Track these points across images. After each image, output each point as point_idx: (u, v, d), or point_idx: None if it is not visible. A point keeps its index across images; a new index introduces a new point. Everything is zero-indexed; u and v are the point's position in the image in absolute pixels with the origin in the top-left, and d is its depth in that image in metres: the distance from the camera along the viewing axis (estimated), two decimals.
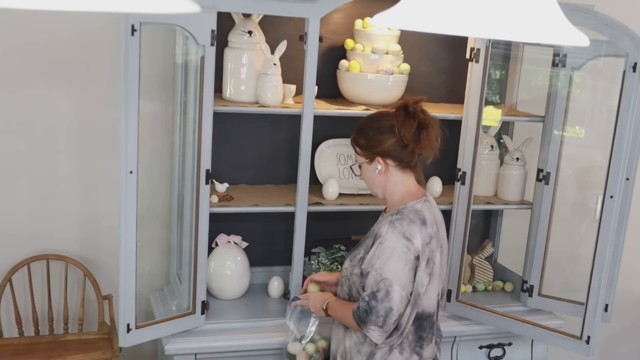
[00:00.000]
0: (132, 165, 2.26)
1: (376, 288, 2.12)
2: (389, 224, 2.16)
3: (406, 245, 2.12)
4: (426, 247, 2.15)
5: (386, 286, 2.10)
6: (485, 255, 3.21)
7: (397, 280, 2.10)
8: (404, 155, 2.22)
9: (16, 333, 2.96)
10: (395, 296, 2.10)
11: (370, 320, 2.12)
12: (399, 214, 2.18)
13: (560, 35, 0.93)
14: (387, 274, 2.11)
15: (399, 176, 2.25)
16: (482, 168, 3.04)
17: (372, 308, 2.11)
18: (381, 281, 2.11)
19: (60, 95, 2.92)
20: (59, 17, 2.80)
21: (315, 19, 2.49)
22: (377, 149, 2.23)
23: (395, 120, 2.21)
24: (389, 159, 2.23)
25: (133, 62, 2.17)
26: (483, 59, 2.70)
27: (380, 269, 2.12)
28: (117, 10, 0.69)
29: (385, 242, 2.14)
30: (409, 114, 2.20)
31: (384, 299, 2.10)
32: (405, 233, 2.13)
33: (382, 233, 2.16)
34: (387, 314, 2.11)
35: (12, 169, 2.94)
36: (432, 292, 2.23)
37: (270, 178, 3.04)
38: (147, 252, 3.02)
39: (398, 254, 2.11)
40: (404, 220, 2.15)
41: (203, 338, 2.61)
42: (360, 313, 2.14)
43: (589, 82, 2.96)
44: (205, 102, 2.43)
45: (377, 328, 2.13)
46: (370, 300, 2.12)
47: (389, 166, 2.24)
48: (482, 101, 2.75)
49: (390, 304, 2.10)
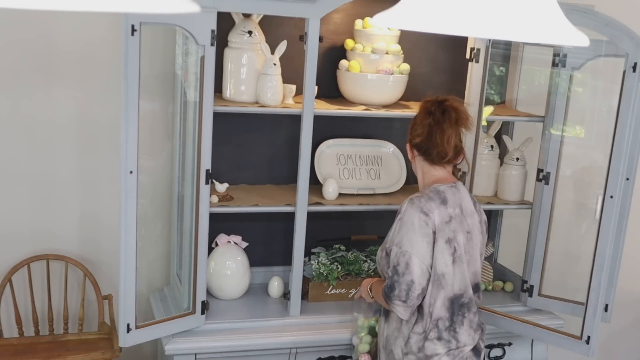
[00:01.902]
0: (132, 165, 2.26)
1: (396, 262, 2.19)
2: (409, 201, 2.26)
3: (424, 220, 2.19)
4: (445, 225, 2.21)
5: (405, 259, 2.17)
6: (485, 255, 3.21)
7: (415, 252, 2.17)
8: (424, 147, 2.32)
9: (16, 333, 2.96)
10: (415, 268, 2.16)
11: (394, 295, 2.19)
12: (420, 193, 2.30)
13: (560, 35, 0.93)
14: (405, 247, 2.18)
15: (426, 167, 2.35)
16: (482, 168, 3.04)
17: (395, 282, 2.18)
18: (400, 254, 2.18)
19: (60, 95, 2.92)
20: (59, 17, 2.80)
21: (315, 19, 2.49)
22: (409, 138, 2.38)
23: (419, 113, 2.35)
24: (414, 148, 2.36)
25: (133, 62, 2.17)
26: (483, 59, 2.70)
27: (399, 242, 2.20)
28: (117, 10, 0.69)
29: (404, 217, 2.22)
30: (428, 111, 2.31)
31: (405, 272, 2.17)
32: (423, 208, 2.21)
33: (402, 210, 2.26)
34: (410, 287, 2.17)
35: (12, 168, 2.94)
36: (461, 276, 2.26)
37: (270, 178, 3.04)
38: (147, 252, 3.02)
39: (415, 227, 2.19)
40: (423, 197, 2.24)
41: (203, 338, 2.61)
42: (386, 289, 2.21)
43: (589, 82, 2.96)
44: (205, 102, 2.43)
45: (401, 303, 2.19)
46: (393, 275, 2.19)
47: (415, 155, 2.37)
48: (482, 101, 2.75)
49: (411, 277, 2.16)
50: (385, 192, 3.02)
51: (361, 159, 3.05)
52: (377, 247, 3.09)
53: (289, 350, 2.71)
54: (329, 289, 2.92)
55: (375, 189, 3.01)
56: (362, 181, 3.02)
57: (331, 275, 2.89)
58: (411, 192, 3.06)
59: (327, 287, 2.92)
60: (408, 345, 2.28)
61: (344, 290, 2.95)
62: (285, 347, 2.70)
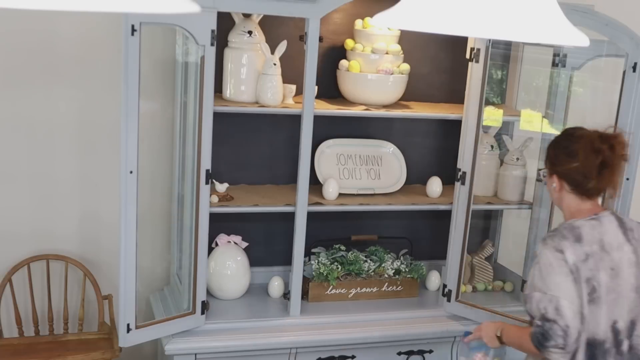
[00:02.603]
0: (132, 165, 2.26)
1: (544, 309, 2.02)
2: (542, 242, 2.12)
3: (561, 258, 2.03)
4: (582, 264, 2.04)
5: (553, 303, 2.01)
6: (485, 255, 3.21)
7: (562, 294, 2.01)
8: (582, 183, 2.13)
9: (16, 333, 2.96)
10: (567, 312, 2.00)
11: (550, 345, 2.01)
12: (554, 230, 2.14)
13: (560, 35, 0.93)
14: (551, 291, 2.02)
15: (574, 200, 2.17)
16: (482, 168, 3.04)
17: (548, 330, 2.00)
18: (547, 300, 2.02)
19: (60, 95, 2.92)
20: (60, 17, 2.80)
21: (315, 19, 2.49)
22: (557, 168, 2.17)
23: (582, 148, 2.11)
24: (565, 181, 2.16)
25: (133, 62, 2.17)
26: (483, 59, 2.70)
27: (542, 287, 2.04)
28: (117, 10, 0.69)
29: (540, 260, 2.07)
30: (594, 149, 2.10)
31: (556, 319, 2.00)
32: (557, 247, 2.05)
33: (538, 252, 2.12)
34: (566, 333, 1.99)
35: (13, 168, 2.94)
36: (601, 318, 2.06)
37: (270, 178, 3.04)
38: (147, 252, 3.02)
39: (555, 267, 2.03)
40: (556, 236, 2.09)
41: (203, 338, 2.61)
42: (538, 337, 2.03)
43: (589, 82, 2.96)
44: (205, 102, 2.43)
45: (559, 350, 2.02)
46: (544, 323, 2.01)
47: (563, 189, 2.17)
48: (482, 101, 2.75)
49: (565, 322, 1.99)
50: (385, 192, 3.02)
51: (361, 159, 3.05)
52: (377, 247, 3.10)
53: (289, 350, 2.71)
54: (329, 289, 2.92)
55: (375, 189, 3.01)
56: (362, 181, 3.02)
57: (331, 275, 2.89)
58: (411, 192, 3.08)
59: (327, 287, 2.92)
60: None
61: (344, 290, 2.95)
62: (285, 347, 2.70)
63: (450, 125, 3.09)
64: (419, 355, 2.89)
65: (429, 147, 3.22)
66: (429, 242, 3.25)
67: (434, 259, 3.22)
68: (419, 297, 3.06)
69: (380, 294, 3.00)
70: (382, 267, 3.01)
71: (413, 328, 2.85)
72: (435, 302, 3.03)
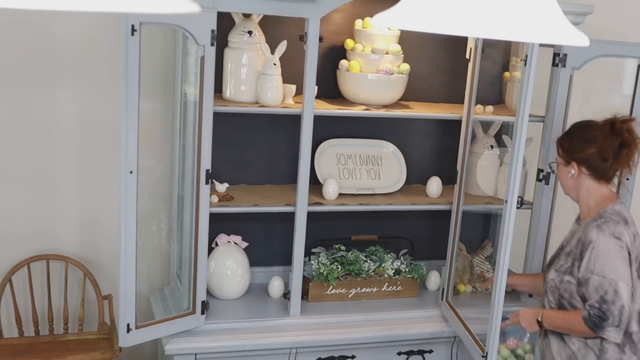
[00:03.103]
0: (132, 165, 2.26)
1: (603, 291, 2.22)
2: (597, 229, 2.29)
3: (619, 244, 2.25)
4: (633, 244, 2.29)
5: (613, 286, 2.21)
6: (485, 255, 3.21)
7: (621, 278, 2.21)
8: (600, 167, 2.34)
9: (16, 333, 2.96)
10: (624, 293, 2.21)
11: (607, 324, 2.22)
12: (602, 217, 2.32)
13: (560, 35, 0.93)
14: (610, 275, 2.22)
15: (592, 184, 2.38)
16: (482, 168, 3.04)
17: (606, 312, 2.21)
18: (606, 282, 2.22)
19: (60, 95, 2.92)
20: (60, 17, 2.80)
21: (315, 19, 2.49)
22: (576, 155, 2.37)
23: (600, 132, 2.34)
24: (584, 166, 2.37)
25: (133, 62, 2.17)
26: (473, 58, 2.72)
27: (601, 271, 2.23)
28: (117, 10, 0.69)
29: (599, 246, 2.26)
30: (614, 131, 2.33)
31: (615, 300, 2.21)
32: (615, 233, 2.26)
33: (593, 238, 2.28)
34: (621, 312, 2.21)
35: (13, 168, 2.94)
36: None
37: (270, 178, 3.04)
38: (147, 252, 3.02)
39: (613, 253, 2.23)
40: (610, 222, 2.29)
41: (203, 338, 2.61)
42: (595, 319, 2.23)
43: (589, 82, 2.96)
44: (205, 102, 2.43)
45: (614, 328, 2.23)
46: (602, 305, 2.22)
47: (582, 173, 2.38)
48: (471, 99, 2.76)
49: (622, 302, 2.21)
50: (385, 192, 3.02)
51: (361, 159, 3.06)
52: (377, 247, 3.10)
53: (289, 350, 2.71)
54: (329, 289, 2.92)
55: (375, 189, 3.01)
56: (362, 181, 3.02)
57: (331, 275, 2.89)
58: (411, 192, 3.07)
59: (327, 287, 2.92)
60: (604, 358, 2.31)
61: (344, 290, 2.95)
62: (285, 347, 2.70)
63: (450, 125, 3.09)
64: (419, 355, 2.89)
65: (429, 147, 3.22)
66: (429, 242, 3.25)
67: (434, 259, 3.22)
68: (419, 297, 3.06)
69: (380, 294, 3.00)
70: (382, 267, 3.01)
71: (413, 328, 2.85)
72: (435, 302, 3.03)
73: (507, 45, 3.13)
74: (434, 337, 2.89)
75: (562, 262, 2.40)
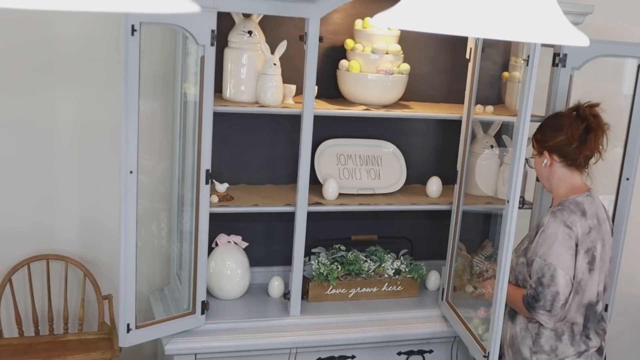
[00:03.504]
0: (132, 165, 2.26)
1: (541, 273, 2.29)
2: (551, 214, 2.35)
3: (567, 233, 2.29)
4: (586, 236, 2.33)
5: (550, 271, 2.27)
6: (485, 255, 3.21)
7: (560, 265, 2.27)
8: (569, 152, 2.41)
9: (16, 333, 2.96)
10: (560, 280, 2.26)
11: (538, 306, 2.29)
12: (561, 205, 2.38)
13: (560, 35, 0.93)
14: (550, 259, 2.28)
15: (564, 172, 2.44)
16: (482, 168, 3.04)
17: (539, 294, 2.28)
18: (545, 266, 2.29)
19: (60, 95, 2.92)
20: (59, 17, 2.80)
21: (315, 19, 2.49)
22: (547, 144, 2.45)
23: (566, 119, 2.43)
24: (555, 154, 2.44)
25: (133, 62, 2.17)
26: (473, 58, 2.72)
27: (544, 254, 2.30)
28: (117, 10, 0.69)
29: (548, 230, 2.32)
30: (580, 116, 2.41)
31: (550, 284, 2.27)
32: (566, 222, 2.31)
33: (545, 222, 2.35)
34: (554, 298, 2.27)
35: (13, 168, 2.94)
36: (594, 283, 2.37)
37: (270, 178, 3.04)
38: (147, 252, 3.02)
39: (560, 240, 2.29)
40: (565, 210, 2.34)
41: (203, 338, 2.61)
42: (529, 299, 2.31)
43: (589, 82, 2.96)
44: (205, 102, 2.43)
45: (546, 312, 2.29)
46: (537, 287, 2.29)
47: (554, 161, 2.44)
48: (471, 100, 2.76)
49: (556, 288, 2.26)
50: (385, 192, 3.02)
51: (361, 159, 3.06)
52: (377, 247, 3.10)
53: (289, 350, 2.71)
54: (329, 289, 2.92)
55: (375, 189, 3.01)
56: (362, 181, 3.02)
57: (331, 275, 2.89)
58: (411, 192, 3.07)
59: (327, 287, 2.92)
60: (537, 344, 2.37)
61: (344, 290, 2.95)
62: (285, 347, 2.70)
63: (450, 125, 3.09)
64: (419, 355, 2.89)
65: (429, 147, 3.22)
66: (429, 242, 3.25)
67: (434, 259, 3.22)
68: (419, 297, 3.06)
69: (380, 294, 3.00)
70: (382, 267, 3.01)
71: (413, 328, 2.85)
72: (435, 302, 3.03)
73: (507, 45, 3.13)
74: (434, 337, 2.89)
75: (520, 244, 2.49)
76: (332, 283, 2.91)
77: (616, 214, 2.87)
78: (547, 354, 2.37)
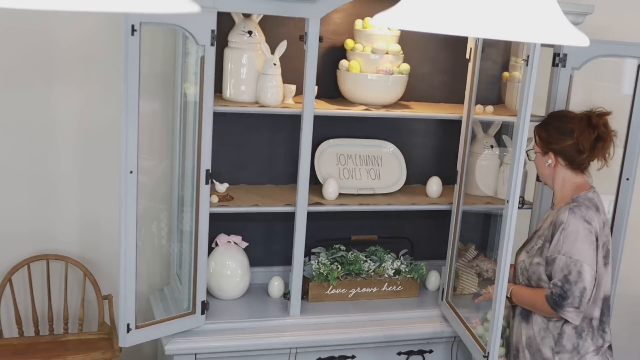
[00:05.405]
0: (132, 165, 2.26)
1: (567, 271, 2.29)
2: (569, 211, 2.35)
3: (588, 228, 2.31)
4: (601, 231, 2.36)
5: (577, 267, 2.27)
6: (468, 259, 3.18)
7: (586, 260, 2.28)
8: (576, 159, 2.42)
9: (16, 333, 2.96)
10: (587, 275, 2.27)
11: (567, 304, 2.28)
12: (575, 202, 2.38)
13: (560, 35, 0.93)
14: (576, 256, 2.28)
15: (568, 174, 2.45)
16: (482, 168, 3.04)
17: (567, 291, 2.28)
18: (572, 263, 2.28)
19: (60, 95, 2.92)
20: (60, 17, 2.80)
21: (315, 19, 2.49)
22: (553, 146, 2.44)
23: (577, 125, 2.40)
24: (560, 157, 2.44)
25: (133, 62, 2.17)
26: (473, 58, 2.72)
27: (568, 252, 2.30)
28: (117, 10, 0.69)
29: (569, 227, 2.32)
30: (591, 125, 2.39)
31: (577, 280, 2.27)
32: (585, 217, 2.33)
33: (564, 220, 2.34)
34: (582, 294, 2.27)
35: (12, 168, 2.94)
36: (609, 277, 2.41)
37: (270, 178, 3.04)
38: (147, 252, 3.02)
39: (582, 236, 2.30)
40: (582, 206, 2.36)
41: (203, 338, 2.61)
42: (555, 298, 2.30)
43: (589, 82, 2.96)
44: (205, 102, 2.43)
45: (574, 309, 2.29)
46: (564, 284, 2.28)
47: (559, 164, 2.45)
48: (471, 100, 2.76)
49: (584, 284, 2.27)
50: (385, 192, 3.02)
51: (361, 159, 3.05)
52: (377, 247, 3.10)
53: (289, 350, 2.71)
54: (329, 289, 2.92)
55: (375, 189, 3.01)
56: (362, 181, 3.02)
57: (331, 275, 2.89)
58: (411, 192, 3.08)
59: (327, 287, 2.92)
60: (560, 344, 2.37)
61: (344, 290, 2.95)
62: (285, 347, 2.70)
63: (450, 125, 3.09)
64: (419, 355, 2.89)
65: (429, 147, 3.22)
66: (429, 242, 3.25)
67: (434, 259, 3.22)
68: (419, 297, 3.06)
69: (380, 294, 3.00)
70: (382, 267, 3.01)
71: (413, 328, 2.85)
72: (435, 302, 3.03)
73: (507, 45, 3.13)
74: (434, 337, 2.89)
75: (532, 244, 2.47)
76: (332, 283, 2.91)
77: (616, 214, 2.87)
78: (569, 352, 2.37)
